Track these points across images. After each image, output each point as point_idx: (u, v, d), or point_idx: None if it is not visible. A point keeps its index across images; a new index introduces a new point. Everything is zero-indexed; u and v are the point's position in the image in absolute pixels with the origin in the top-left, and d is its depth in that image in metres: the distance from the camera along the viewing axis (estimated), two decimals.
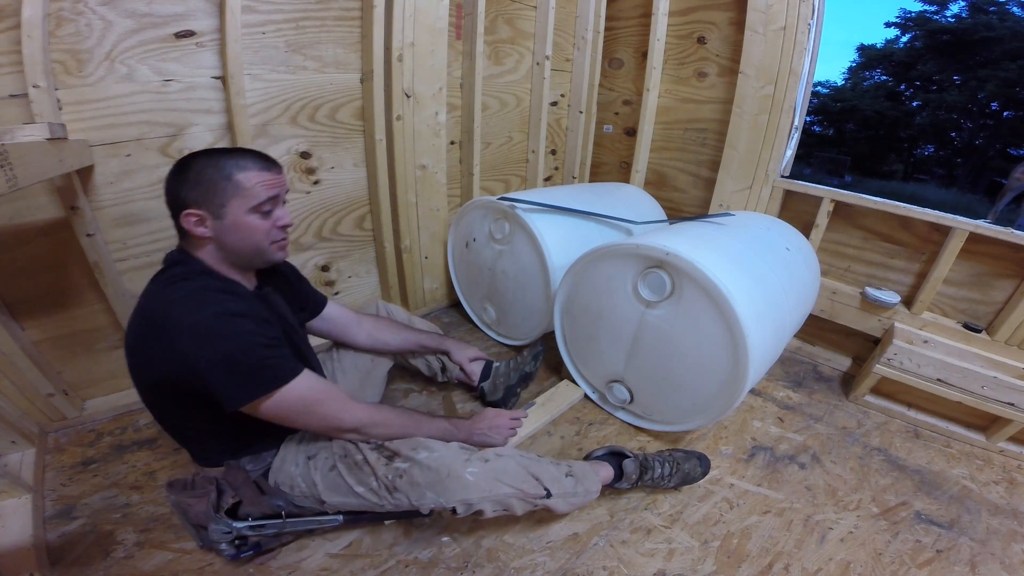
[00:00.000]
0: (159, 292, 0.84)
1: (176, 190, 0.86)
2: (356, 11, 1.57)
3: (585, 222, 1.75)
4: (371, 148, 1.73)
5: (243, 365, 0.81)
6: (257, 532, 0.97)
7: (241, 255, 0.91)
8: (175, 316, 0.79)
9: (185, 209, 0.85)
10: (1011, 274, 1.55)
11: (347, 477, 0.97)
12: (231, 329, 0.80)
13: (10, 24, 1.05)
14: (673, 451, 1.31)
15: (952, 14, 13.06)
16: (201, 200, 0.85)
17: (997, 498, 1.36)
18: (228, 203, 0.86)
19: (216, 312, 0.80)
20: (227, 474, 0.96)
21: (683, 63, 2.06)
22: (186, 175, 0.85)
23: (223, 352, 0.79)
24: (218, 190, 0.85)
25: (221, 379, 0.80)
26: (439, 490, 0.92)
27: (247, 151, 0.91)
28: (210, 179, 0.85)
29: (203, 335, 0.78)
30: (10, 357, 1.19)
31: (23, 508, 1.05)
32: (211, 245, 0.89)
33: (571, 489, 1.06)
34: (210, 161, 0.86)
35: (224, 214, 0.86)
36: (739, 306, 1.13)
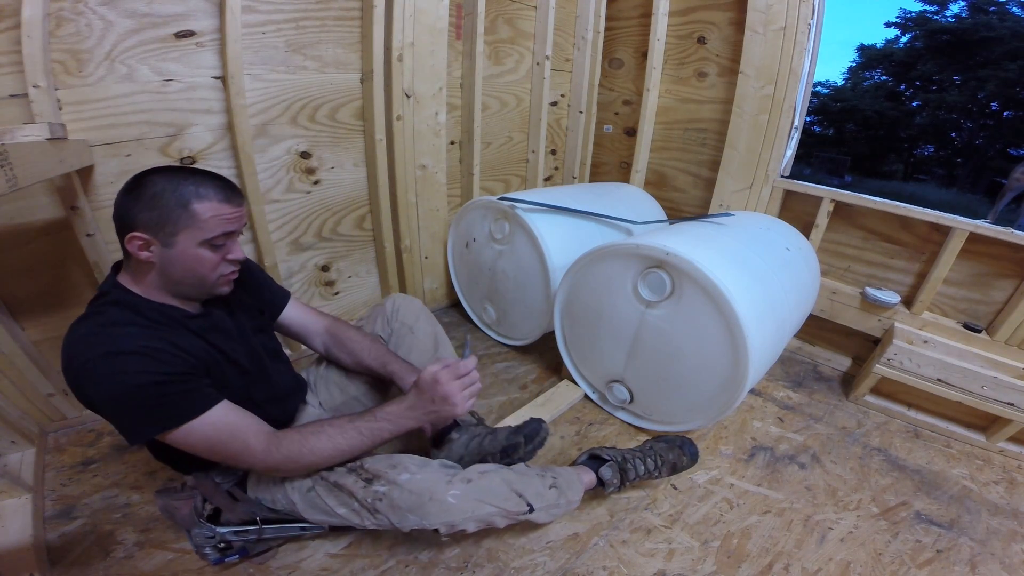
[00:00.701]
0: (71, 327, 0.81)
1: (126, 209, 0.80)
2: (356, 11, 1.57)
3: (585, 222, 1.75)
4: (371, 148, 1.73)
5: (132, 404, 0.76)
6: (240, 537, 0.97)
7: (182, 286, 0.86)
8: (73, 356, 0.76)
9: (132, 231, 0.79)
10: (1011, 274, 1.55)
11: (326, 499, 0.94)
12: (119, 368, 0.75)
13: (10, 24, 1.05)
14: (655, 442, 1.29)
15: (952, 14, 13.07)
16: (151, 225, 0.79)
17: (997, 498, 1.36)
18: (179, 232, 0.81)
19: (105, 352, 0.75)
20: (198, 484, 0.95)
21: (683, 63, 2.06)
22: (140, 195, 0.79)
23: (110, 392, 0.75)
24: (171, 218, 0.79)
25: (114, 418, 0.78)
26: (421, 513, 0.90)
27: (211, 177, 0.85)
28: (165, 204, 0.79)
29: (91, 376, 0.75)
30: (10, 357, 1.19)
31: (23, 508, 1.05)
32: (151, 271, 0.84)
33: (554, 501, 1.05)
34: (169, 184, 0.80)
35: (173, 243, 0.81)
36: (739, 306, 1.14)
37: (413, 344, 1.23)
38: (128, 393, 0.76)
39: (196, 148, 1.39)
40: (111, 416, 0.78)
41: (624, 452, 1.24)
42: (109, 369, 0.75)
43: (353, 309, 2.00)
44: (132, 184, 0.82)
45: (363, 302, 2.03)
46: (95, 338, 0.78)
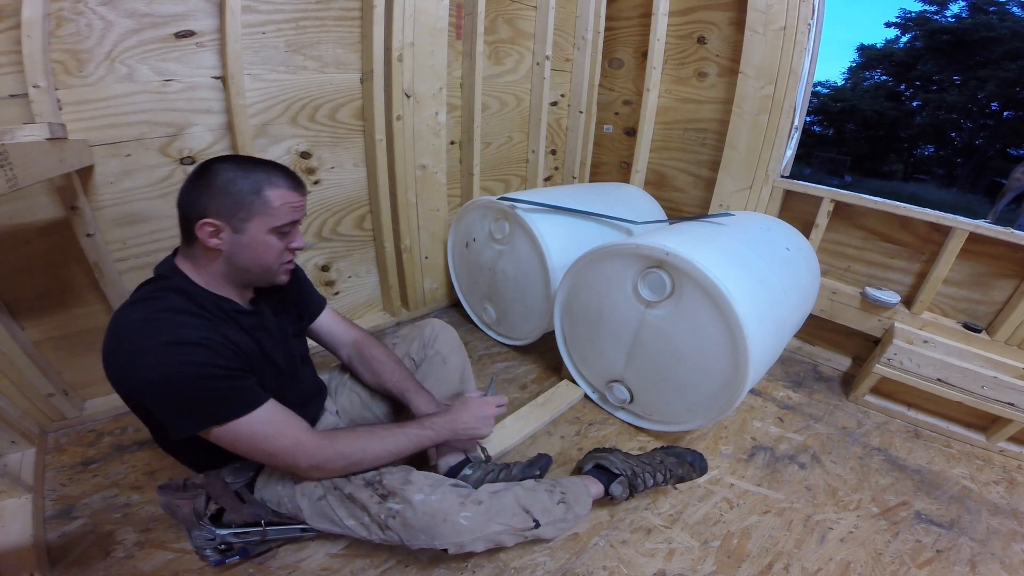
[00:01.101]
0: (122, 310, 0.80)
1: (196, 196, 0.81)
2: (356, 11, 1.57)
3: (585, 222, 1.75)
4: (371, 148, 1.73)
5: (187, 396, 0.77)
6: (241, 539, 0.97)
7: (248, 273, 0.88)
8: (128, 340, 0.75)
9: (203, 218, 0.80)
10: (1011, 274, 1.55)
11: (337, 510, 0.94)
12: (181, 358, 0.75)
13: (10, 24, 1.05)
14: (666, 455, 1.26)
15: (952, 14, 13.06)
16: (223, 211, 0.81)
17: (997, 498, 1.36)
18: (252, 219, 0.83)
19: (167, 341, 0.75)
20: (208, 483, 0.95)
21: (683, 63, 2.06)
22: (211, 182, 0.81)
23: (168, 382, 0.75)
24: (244, 204, 0.82)
25: (164, 409, 0.77)
26: (433, 534, 0.90)
27: (278, 166, 0.87)
28: (239, 191, 0.81)
29: (149, 364, 0.74)
30: (10, 357, 1.19)
31: (23, 508, 1.05)
32: (219, 258, 0.85)
33: (561, 515, 1.04)
34: (240, 171, 0.82)
35: (245, 229, 0.83)
36: (739, 306, 1.14)
37: (443, 374, 1.24)
38: (187, 384, 0.76)
39: (196, 148, 1.39)
40: (162, 405, 0.77)
41: (634, 465, 1.20)
42: (170, 358, 0.75)
43: (353, 309, 2.00)
44: (201, 172, 0.83)
45: (363, 302, 2.03)
46: (155, 325, 0.77)
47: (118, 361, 0.75)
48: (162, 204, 1.38)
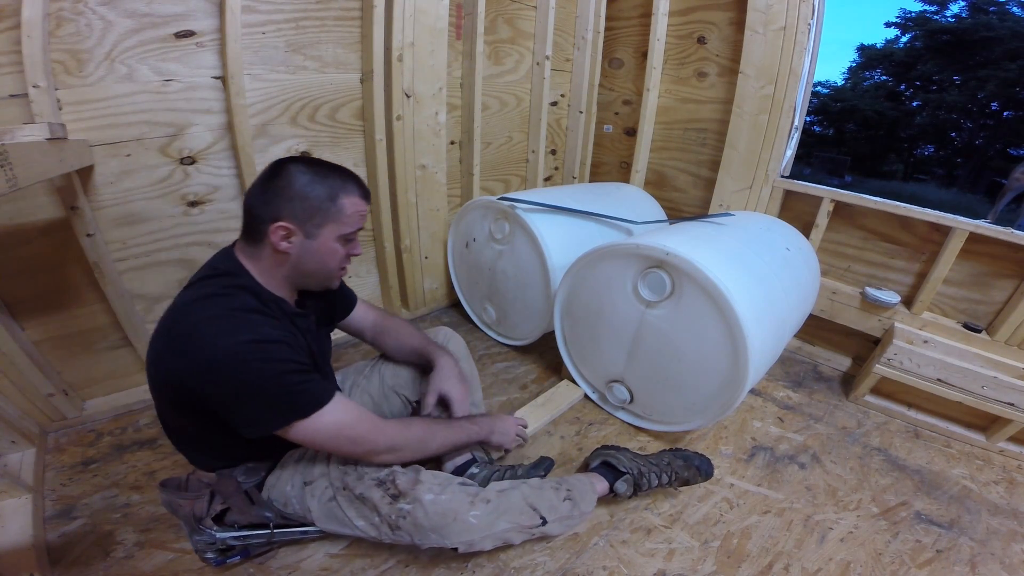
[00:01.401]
0: (193, 304, 0.80)
1: (270, 197, 0.82)
2: (356, 11, 1.57)
3: (585, 222, 1.75)
4: (371, 148, 1.73)
5: (275, 393, 0.78)
6: (242, 542, 0.97)
7: (309, 277, 0.90)
8: (207, 336, 0.75)
9: (278, 221, 0.81)
10: (1011, 274, 1.55)
11: (347, 510, 0.95)
12: (266, 357, 0.77)
13: (10, 24, 1.05)
14: (673, 458, 1.25)
15: (952, 14, 13.04)
16: (298, 216, 0.82)
17: (997, 498, 1.36)
18: (325, 225, 0.84)
19: (252, 339, 0.76)
20: (219, 482, 0.95)
21: (683, 63, 2.06)
22: (288, 185, 0.81)
23: (256, 380, 0.76)
24: (321, 210, 0.83)
25: (248, 406, 0.77)
26: (443, 533, 0.91)
27: (349, 172, 0.89)
28: (316, 196, 0.82)
29: (236, 363, 0.74)
30: (10, 357, 1.19)
31: (23, 508, 1.05)
32: (286, 261, 0.86)
33: (567, 512, 1.05)
34: (317, 176, 0.83)
35: (317, 235, 0.84)
36: (739, 306, 1.13)
37: None
38: (274, 381, 0.77)
39: (196, 148, 1.39)
40: (246, 403, 0.77)
41: (640, 465, 1.20)
42: (257, 356, 0.75)
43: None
44: (274, 173, 0.83)
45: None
46: (233, 322, 0.77)
47: (197, 357, 0.74)
48: (162, 204, 1.38)
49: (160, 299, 1.47)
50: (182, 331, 0.77)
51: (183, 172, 1.39)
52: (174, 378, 0.77)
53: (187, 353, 0.75)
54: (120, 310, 1.35)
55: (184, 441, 0.94)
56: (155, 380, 0.83)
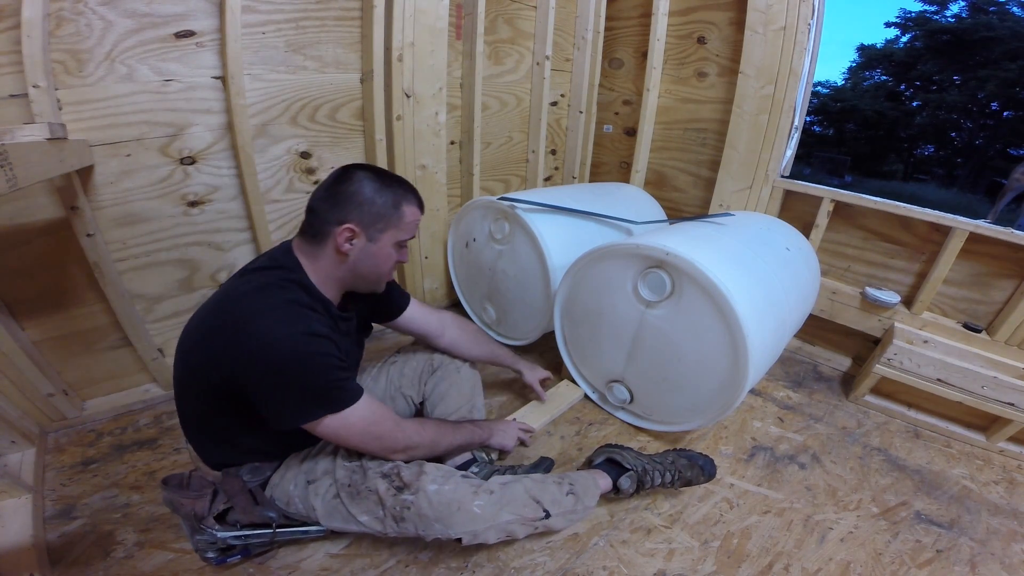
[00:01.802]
0: (248, 293, 0.84)
1: (340, 202, 0.88)
2: (356, 11, 1.57)
3: (585, 222, 1.75)
4: (371, 148, 1.73)
5: (318, 386, 0.83)
6: (243, 542, 0.97)
7: (362, 279, 0.96)
8: (266, 324, 0.79)
9: (345, 224, 0.88)
10: (1011, 274, 1.55)
11: (351, 507, 0.96)
12: (317, 350, 0.82)
13: (10, 24, 1.05)
14: (677, 457, 1.25)
15: (952, 14, 13.04)
16: (364, 219, 0.89)
17: (997, 498, 1.36)
18: (387, 231, 0.91)
19: (307, 332, 0.81)
20: (224, 481, 0.95)
21: (683, 63, 2.06)
22: (357, 191, 0.88)
23: (303, 372, 0.80)
24: (385, 216, 0.90)
25: (289, 396, 0.81)
26: (447, 523, 0.92)
27: (409, 185, 0.96)
28: (383, 203, 0.90)
29: (289, 352, 0.79)
30: (10, 357, 1.19)
31: (23, 508, 1.05)
32: (344, 262, 0.91)
33: (571, 507, 1.06)
34: (383, 185, 0.90)
35: (377, 239, 0.91)
36: (739, 306, 1.13)
37: (455, 382, 1.28)
38: (318, 373, 0.82)
39: (196, 148, 1.39)
40: (289, 391, 0.81)
41: (645, 462, 1.21)
42: (309, 348, 0.81)
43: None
44: (343, 179, 0.90)
45: None
46: (291, 313, 0.83)
47: (253, 343, 0.78)
48: (162, 204, 1.38)
49: (160, 299, 1.47)
50: (240, 316, 0.81)
51: (183, 172, 1.39)
52: (220, 362, 0.81)
53: (244, 338, 0.79)
54: (120, 310, 1.35)
55: (201, 431, 0.96)
56: (191, 364, 0.87)
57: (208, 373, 0.83)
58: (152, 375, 1.50)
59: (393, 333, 1.94)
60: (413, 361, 1.30)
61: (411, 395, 1.27)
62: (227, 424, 0.91)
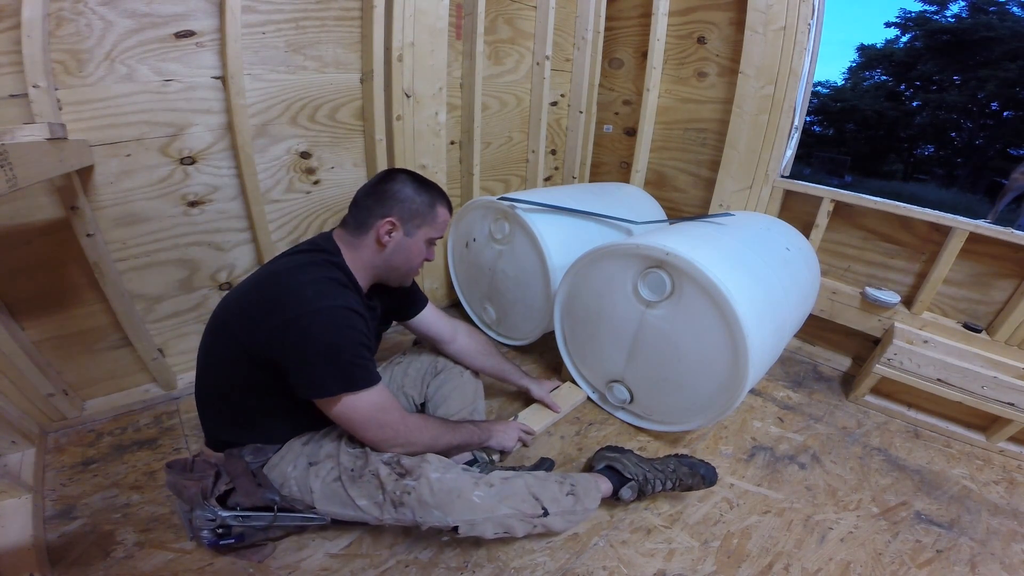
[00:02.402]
0: (291, 269, 0.92)
1: (384, 198, 1.00)
2: (356, 11, 1.57)
3: (585, 222, 1.75)
4: (371, 148, 1.73)
5: (346, 360, 0.88)
6: (242, 523, 0.97)
7: (394, 271, 1.05)
8: (302, 296, 0.87)
9: (388, 217, 0.99)
10: (1011, 274, 1.55)
11: (350, 489, 0.96)
12: (348, 323, 0.89)
13: (10, 24, 1.05)
14: (679, 464, 1.22)
15: (952, 14, 13.05)
16: (404, 215, 1.00)
17: (997, 498, 1.36)
18: (422, 227, 1.04)
19: (342, 305, 0.89)
20: (227, 462, 0.97)
21: (683, 63, 2.06)
22: (400, 189, 1.00)
23: (333, 342, 0.87)
24: (422, 214, 1.02)
25: (319, 366, 0.87)
26: (446, 510, 0.93)
27: (442, 190, 1.08)
28: (421, 202, 1.02)
29: (328, 322, 0.86)
30: (10, 357, 1.19)
31: (23, 508, 1.05)
32: (381, 252, 1.01)
33: (570, 507, 1.06)
34: (421, 187, 1.03)
35: (414, 234, 1.03)
36: (739, 306, 1.13)
37: (458, 385, 1.32)
38: (352, 345, 0.89)
39: (196, 148, 1.39)
40: (322, 360, 0.87)
41: (646, 470, 1.19)
42: (347, 322, 0.89)
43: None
44: (387, 179, 1.03)
45: None
46: (332, 288, 0.91)
47: (280, 317, 0.86)
48: (162, 204, 1.38)
49: (160, 299, 1.47)
50: (282, 287, 0.89)
51: (183, 172, 1.39)
52: (258, 328, 0.87)
53: (283, 307, 0.86)
54: (120, 310, 1.35)
55: (216, 406, 1.00)
56: (227, 334, 0.92)
57: (244, 340, 0.89)
58: (152, 375, 1.49)
59: (392, 333, 1.94)
60: (417, 362, 1.33)
61: (413, 395, 1.30)
62: (244, 400, 0.96)
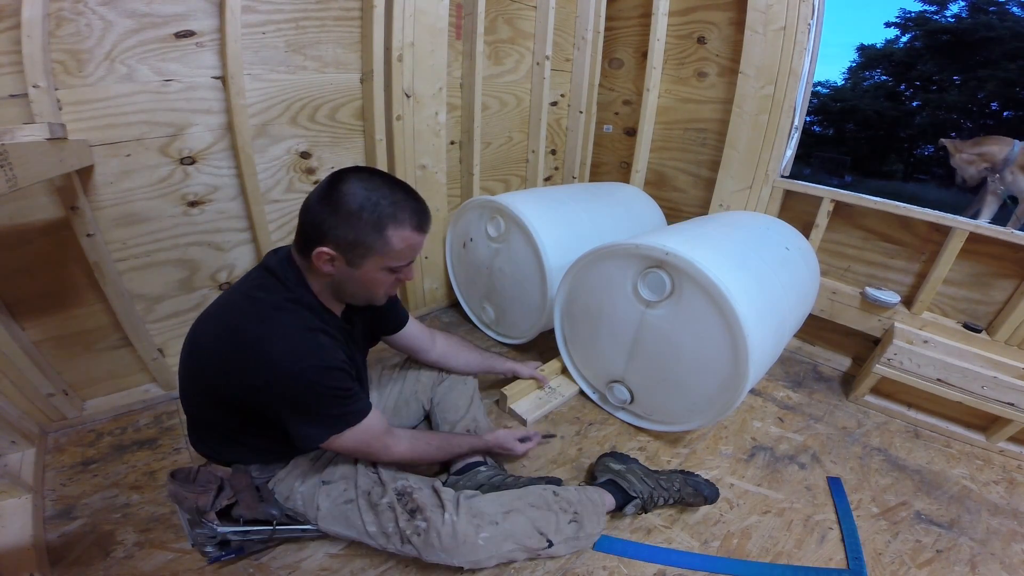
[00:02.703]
0: (256, 311, 0.81)
1: (321, 219, 0.80)
2: (356, 11, 1.57)
3: (580, 219, 1.75)
4: (371, 148, 1.73)
5: (332, 416, 0.86)
6: (241, 537, 0.97)
7: (353, 298, 0.92)
8: (275, 354, 0.78)
9: (321, 246, 0.80)
10: (1011, 274, 1.55)
11: (365, 514, 0.96)
12: (331, 384, 0.83)
13: (10, 24, 1.05)
14: (684, 484, 1.20)
15: (952, 14, 13.02)
16: (342, 244, 0.80)
17: (997, 498, 1.36)
18: (369, 257, 0.82)
19: (319, 365, 0.81)
20: (233, 476, 0.96)
21: (683, 63, 2.06)
22: (337, 208, 0.78)
23: (318, 405, 0.83)
24: (365, 242, 0.80)
25: (305, 423, 0.84)
26: (452, 553, 0.94)
27: (407, 197, 0.83)
28: (363, 226, 0.79)
29: (305, 387, 0.80)
30: (10, 357, 1.19)
31: (23, 508, 1.05)
32: (331, 281, 0.87)
33: (573, 534, 1.05)
34: (368, 201, 0.78)
35: (359, 265, 0.83)
36: (739, 306, 1.13)
37: (462, 390, 1.34)
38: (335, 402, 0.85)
39: (196, 148, 1.39)
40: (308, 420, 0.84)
41: (651, 488, 1.17)
42: (325, 382, 0.82)
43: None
44: (329, 191, 0.80)
45: None
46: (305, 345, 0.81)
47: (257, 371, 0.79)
48: (162, 204, 1.38)
49: (160, 299, 1.47)
50: (249, 340, 0.79)
51: (183, 172, 1.39)
52: (234, 387, 0.81)
53: (259, 367, 0.79)
54: (120, 310, 1.35)
55: (208, 435, 0.96)
56: (203, 382, 0.87)
57: (222, 393, 0.85)
58: (152, 375, 1.49)
59: None
60: (426, 370, 1.36)
61: (423, 400, 1.33)
62: (238, 426, 0.92)
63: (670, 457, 1.41)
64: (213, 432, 0.96)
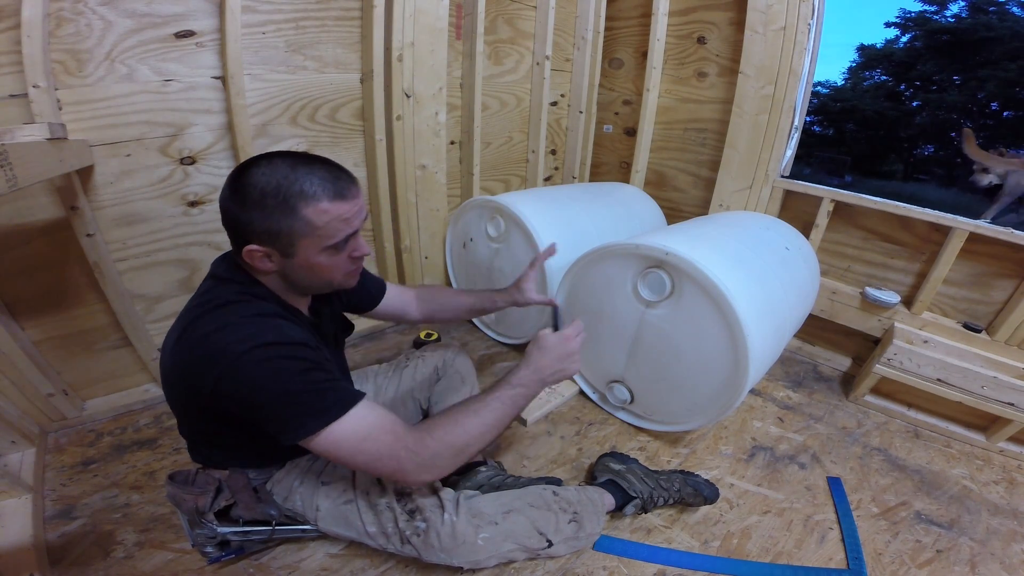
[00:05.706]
0: (207, 310, 0.74)
1: (235, 216, 0.73)
2: (356, 11, 1.57)
3: (581, 219, 1.75)
4: (371, 148, 1.73)
5: (304, 394, 0.72)
6: (241, 538, 0.97)
7: (310, 288, 0.84)
8: (235, 347, 0.69)
9: (247, 245, 0.73)
10: (1011, 274, 1.54)
11: (364, 515, 0.96)
12: (288, 355, 0.72)
13: (10, 24, 1.05)
14: (684, 484, 1.20)
15: (952, 14, 13.03)
16: (265, 236, 0.72)
17: (997, 498, 1.36)
18: (298, 242, 0.73)
19: (272, 341, 0.71)
20: (230, 478, 0.95)
21: (683, 63, 2.06)
22: (244, 199, 0.71)
23: (284, 382, 0.71)
24: (283, 228, 0.72)
25: (282, 416, 0.72)
26: (452, 554, 0.93)
27: (319, 168, 0.74)
28: (272, 212, 0.71)
29: (266, 372, 0.70)
30: (10, 357, 1.19)
31: (23, 508, 1.05)
32: (275, 275, 0.79)
33: (573, 534, 1.05)
34: (270, 185, 0.70)
35: (294, 253, 0.75)
36: (739, 306, 1.13)
37: (460, 390, 1.30)
38: (303, 382, 0.72)
39: (196, 148, 1.39)
40: (281, 413, 0.71)
41: (651, 488, 1.18)
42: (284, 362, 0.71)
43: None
44: (234, 186, 0.73)
45: None
46: (263, 327, 0.72)
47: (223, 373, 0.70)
48: (162, 204, 1.38)
49: (160, 299, 1.47)
50: (211, 344, 0.71)
51: (183, 172, 1.39)
52: (204, 391, 0.73)
53: (217, 365, 0.70)
54: (120, 310, 1.35)
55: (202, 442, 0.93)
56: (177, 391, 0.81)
57: (196, 403, 0.78)
58: (152, 375, 1.49)
59: (394, 332, 1.94)
60: (424, 367, 1.33)
61: (420, 399, 1.30)
62: (228, 433, 0.87)
63: (670, 457, 1.41)
64: (202, 441, 0.93)
